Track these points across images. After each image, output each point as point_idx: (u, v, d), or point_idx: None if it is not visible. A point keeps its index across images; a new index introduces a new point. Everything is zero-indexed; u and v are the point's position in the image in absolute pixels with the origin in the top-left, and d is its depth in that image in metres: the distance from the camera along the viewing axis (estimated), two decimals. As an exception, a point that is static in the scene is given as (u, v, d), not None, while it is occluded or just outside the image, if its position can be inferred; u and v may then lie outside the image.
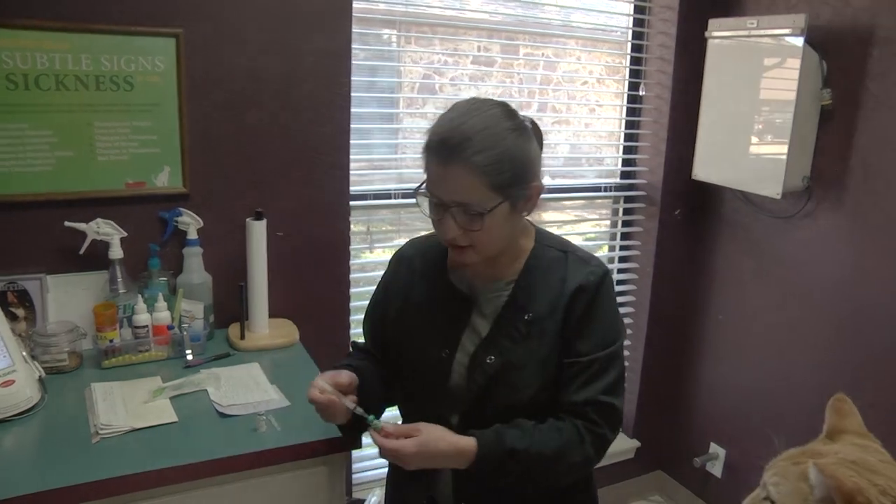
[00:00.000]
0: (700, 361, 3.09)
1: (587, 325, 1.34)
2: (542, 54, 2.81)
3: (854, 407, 0.87)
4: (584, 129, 3.00)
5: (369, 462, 2.67)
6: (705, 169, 2.72)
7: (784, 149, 2.40)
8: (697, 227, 3.02)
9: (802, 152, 2.47)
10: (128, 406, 1.61)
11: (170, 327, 1.90)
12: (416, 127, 2.60)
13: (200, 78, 1.99)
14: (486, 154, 1.21)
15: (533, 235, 1.43)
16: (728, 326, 2.95)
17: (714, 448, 3.02)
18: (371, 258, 2.49)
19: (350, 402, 1.34)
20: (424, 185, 1.30)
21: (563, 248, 1.41)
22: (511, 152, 1.24)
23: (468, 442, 1.31)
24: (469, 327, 1.40)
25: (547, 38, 2.78)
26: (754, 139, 2.53)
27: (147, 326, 1.88)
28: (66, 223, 1.88)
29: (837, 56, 2.38)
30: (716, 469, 3.04)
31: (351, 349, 1.64)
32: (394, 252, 1.57)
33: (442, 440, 1.31)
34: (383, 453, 1.32)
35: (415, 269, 1.47)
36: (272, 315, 2.13)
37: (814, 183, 2.50)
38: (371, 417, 1.34)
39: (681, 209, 2.98)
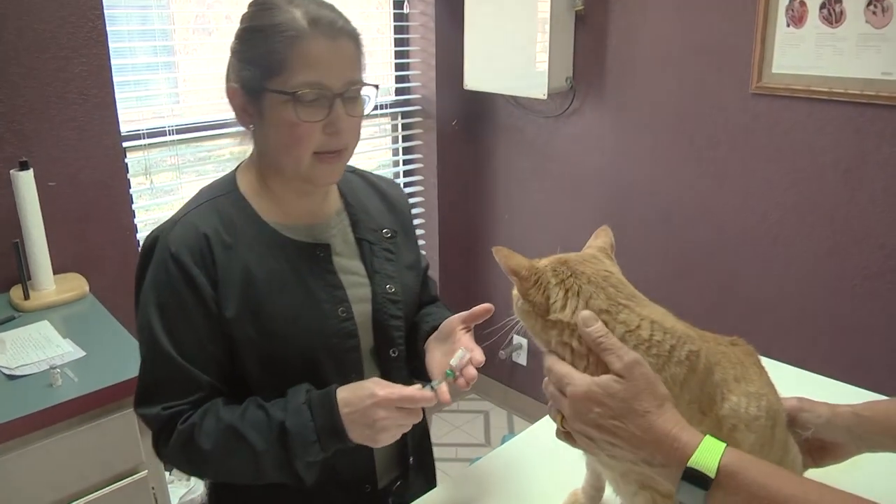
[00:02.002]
0: (492, 261, 3.28)
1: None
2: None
3: (609, 235, 0.99)
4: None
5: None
6: (475, 79, 2.87)
7: (545, 53, 2.59)
8: (475, 134, 3.19)
9: (563, 55, 2.67)
10: None
11: (-62, 298, 1.78)
12: (193, 62, 2.51)
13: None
14: (355, 28, 1.13)
15: None
16: (514, 223, 3.18)
17: (517, 339, 3.26)
18: (155, 200, 2.41)
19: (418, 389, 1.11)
20: (285, 87, 1.07)
21: (349, 169, 1.38)
22: None
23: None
24: (340, 273, 1.21)
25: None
26: (517, 46, 2.69)
27: (-90, 301, 1.74)
28: None
29: (585, -36, 2.57)
30: (521, 358, 3.31)
31: (178, 424, 1.11)
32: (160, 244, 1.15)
33: None
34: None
35: (230, 245, 1.13)
36: (57, 271, 2.03)
37: (576, 82, 2.72)
38: (435, 382, 1.11)
39: (457, 119, 3.13)
